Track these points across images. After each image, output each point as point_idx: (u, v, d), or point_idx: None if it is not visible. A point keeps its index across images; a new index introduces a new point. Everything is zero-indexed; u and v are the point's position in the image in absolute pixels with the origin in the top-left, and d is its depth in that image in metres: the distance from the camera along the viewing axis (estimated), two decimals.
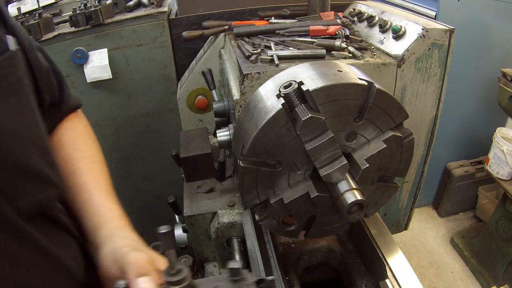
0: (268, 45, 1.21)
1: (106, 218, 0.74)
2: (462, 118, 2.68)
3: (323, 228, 0.93)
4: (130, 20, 1.68)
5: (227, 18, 1.64)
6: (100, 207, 0.76)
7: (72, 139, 0.84)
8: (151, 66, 1.78)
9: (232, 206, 1.20)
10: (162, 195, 2.13)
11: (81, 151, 0.83)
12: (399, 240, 2.72)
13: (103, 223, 0.73)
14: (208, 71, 1.32)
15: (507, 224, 2.26)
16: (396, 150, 0.82)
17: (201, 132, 1.31)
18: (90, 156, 0.84)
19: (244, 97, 1.05)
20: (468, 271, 2.53)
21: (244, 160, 0.77)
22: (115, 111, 1.87)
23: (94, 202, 0.76)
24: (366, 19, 1.36)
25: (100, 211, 0.75)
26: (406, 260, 0.93)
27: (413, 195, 1.49)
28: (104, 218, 0.74)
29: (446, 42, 1.16)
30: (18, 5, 1.85)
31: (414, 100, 1.23)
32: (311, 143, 0.74)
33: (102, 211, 0.75)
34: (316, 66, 0.80)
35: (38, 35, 1.61)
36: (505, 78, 2.10)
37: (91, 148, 0.86)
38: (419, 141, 1.33)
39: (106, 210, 0.76)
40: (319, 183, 0.80)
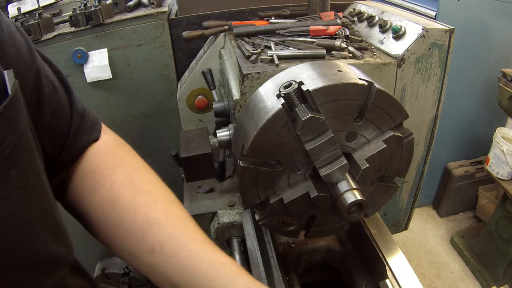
0: (268, 45, 1.21)
1: (228, 278, 0.55)
2: (462, 118, 2.68)
3: (323, 228, 0.93)
4: (130, 20, 1.68)
5: (227, 18, 1.64)
6: (212, 266, 0.56)
7: (129, 181, 0.61)
8: (151, 66, 1.78)
9: (232, 206, 1.20)
10: None
11: (148, 193, 0.61)
12: (399, 240, 2.72)
13: (238, 278, 0.55)
14: (208, 71, 1.32)
15: (507, 224, 2.26)
16: (396, 150, 0.82)
17: (201, 132, 1.31)
18: (163, 199, 0.62)
19: (244, 97, 1.05)
20: (468, 271, 2.53)
21: (244, 160, 0.77)
22: (115, 111, 1.87)
23: (199, 262, 0.55)
24: (366, 19, 1.36)
25: (215, 272, 0.55)
26: (406, 260, 0.93)
27: (413, 195, 1.49)
28: (225, 279, 0.55)
29: (446, 42, 1.16)
30: (18, 5, 1.85)
31: (414, 100, 1.23)
32: (311, 143, 0.74)
33: (217, 270, 0.56)
34: (316, 66, 0.80)
35: (38, 35, 1.61)
36: (505, 78, 2.10)
37: (157, 186, 0.64)
38: (419, 141, 1.33)
39: (220, 266, 0.56)
40: (319, 183, 0.80)
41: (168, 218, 0.59)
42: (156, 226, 0.57)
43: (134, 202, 0.59)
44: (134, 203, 0.59)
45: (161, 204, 0.60)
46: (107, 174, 0.61)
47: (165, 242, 0.56)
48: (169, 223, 0.58)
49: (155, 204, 0.59)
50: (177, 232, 0.58)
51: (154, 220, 0.57)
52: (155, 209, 0.59)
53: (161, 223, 0.57)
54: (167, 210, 0.60)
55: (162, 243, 0.56)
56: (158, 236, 0.57)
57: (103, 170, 0.62)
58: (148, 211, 0.58)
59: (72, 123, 0.60)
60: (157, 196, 0.61)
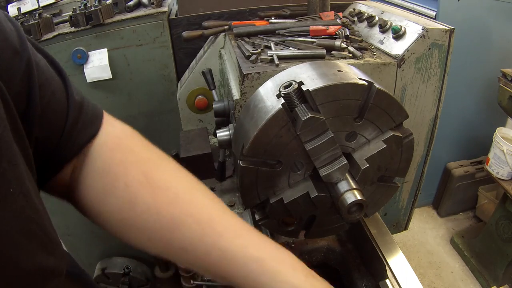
0: (268, 45, 1.21)
1: (274, 269, 0.53)
2: (462, 118, 2.68)
3: (323, 228, 0.93)
4: (130, 20, 1.68)
5: (227, 18, 1.64)
6: (247, 265, 0.53)
7: (143, 176, 0.56)
8: (151, 66, 1.78)
9: (232, 206, 1.20)
10: None
11: (165, 189, 0.56)
12: (399, 240, 2.72)
13: (275, 276, 0.53)
14: (208, 71, 1.32)
15: (507, 224, 2.26)
16: (396, 150, 0.82)
17: (201, 132, 1.31)
18: (184, 190, 0.58)
19: (244, 97, 1.05)
20: (468, 271, 2.53)
21: (244, 160, 0.77)
22: (115, 111, 1.85)
23: (233, 261, 0.53)
24: (366, 19, 1.36)
25: (255, 265, 0.53)
26: (406, 260, 0.93)
27: (413, 195, 1.49)
28: (270, 269, 0.53)
29: (446, 42, 1.16)
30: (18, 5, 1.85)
31: (414, 100, 1.23)
32: (311, 143, 0.74)
33: (253, 269, 0.53)
34: (316, 66, 0.80)
35: (38, 35, 1.61)
36: (505, 78, 2.10)
37: (175, 175, 0.60)
38: (419, 141, 1.33)
39: (256, 265, 0.53)
40: (319, 183, 0.80)
41: (193, 214, 0.55)
42: (182, 226, 0.54)
43: (154, 202, 0.55)
44: (154, 203, 0.55)
45: (183, 198, 0.57)
46: (120, 173, 0.57)
47: (196, 243, 0.54)
48: (196, 220, 0.54)
49: (176, 200, 0.56)
50: (205, 229, 0.54)
51: (178, 219, 0.54)
52: (178, 205, 0.55)
53: (187, 222, 0.54)
54: (190, 204, 0.56)
55: (193, 244, 0.54)
56: (187, 237, 0.54)
57: (114, 169, 0.57)
58: (170, 209, 0.55)
59: (69, 115, 0.55)
60: (177, 190, 0.57)
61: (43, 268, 0.47)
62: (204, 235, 0.54)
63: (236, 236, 0.55)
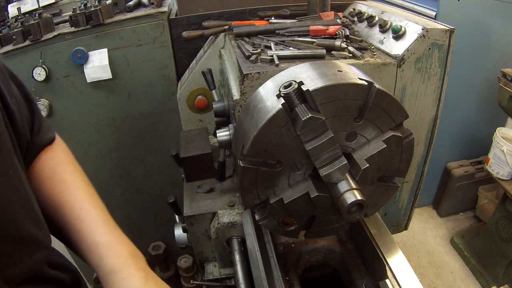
0: (268, 45, 1.21)
1: (107, 254, 0.66)
2: (462, 118, 2.67)
3: (323, 228, 0.93)
4: (130, 20, 1.68)
5: (227, 18, 1.64)
6: (99, 242, 0.67)
7: (51, 172, 0.75)
8: (151, 66, 1.78)
9: (232, 206, 1.20)
10: (162, 195, 2.13)
11: (62, 181, 0.75)
12: (399, 240, 2.72)
13: (105, 259, 0.65)
14: (208, 71, 1.32)
15: (507, 224, 2.26)
16: (396, 150, 0.82)
17: (201, 132, 1.31)
18: (72, 185, 0.75)
19: (244, 97, 1.05)
20: (468, 271, 2.53)
21: (244, 160, 0.77)
22: (115, 111, 1.87)
23: (89, 235, 0.68)
24: (366, 19, 1.36)
25: (99, 246, 0.67)
26: (406, 260, 0.93)
27: (413, 195, 1.49)
28: (105, 254, 0.66)
29: (446, 42, 1.16)
30: (18, 5, 1.86)
31: (414, 100, 1.23)
32: (311, 143, 0.74)
33: (102, 246, 0.67)
34: (316, 66, 0.80)
35: (38, 35, 1.61)
36: (505, 78, 2.10)
37: (72, 175, 0.77)
38: (419, 141, 1.33)
39: (105, 242, 0.68)
40: (319, 183, 0.80)
41: (72, 202, 0.72)
42: (64, 209, 0.71)
43: (52, 189, 0.73)
44: (52, 190, 0.73)
45: (70, 190, 0.74)
46: (40, 168, 0.75)
47: (68, 223, 0.70)
48: (74, 207, 0.71)
49: (65, 191, 0.73)
50: (73, 214, 0.71)
51: (61, 205, 0.71)
52: (64, 195, 0.72)
53: (65, 208, 0.71)
54: (73, 194, 0.73)
55: (69, 222, 0.70)
56: (65, 217, 0.70)
57: (42, 166, 0.76)
58: (59, 197, 0.72)
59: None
60: (68, 184, 0.74)
61: (34, 237, 0.61)
62: (71, 217, 0.70)
63: (92, 224, 0.70)
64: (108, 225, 0.71)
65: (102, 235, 0.68)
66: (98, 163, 1.98)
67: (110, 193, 2.09)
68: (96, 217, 0.71)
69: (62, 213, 0.70)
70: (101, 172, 2.01)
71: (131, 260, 0.66)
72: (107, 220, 0.72)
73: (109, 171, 2.02)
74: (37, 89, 1.70)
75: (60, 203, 0.71)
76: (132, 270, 0.64)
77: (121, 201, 2.14)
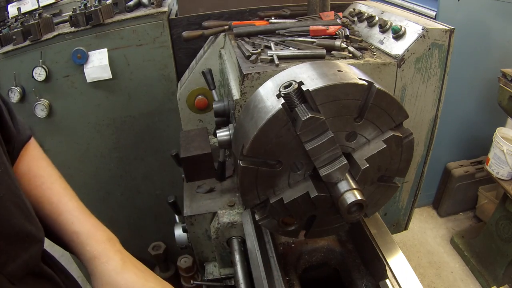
0: (268, 45, 1.21)
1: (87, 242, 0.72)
2: (462, 118, 2.68)
3: (323, 228, 0.93)
4: (130, 20, 1.68)
5: (227, 18, 1.64)
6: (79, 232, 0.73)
7: (27, 168, 0.79)
8: (151, 66, 1.78)
9: (232, 206, 1.20)
10: (162, 195, 2.13)
11: (38, 177, 0.78)
12: (399, 240, 2.72)
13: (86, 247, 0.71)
14: (208, 71, 1.32)
15: (507, 224, 2.26)
16: (396, 150, 0.82)
17: (201, 132, 1.31)
18: (48, 179, 0.79)
19: (244, 97, 1.05)
20: (468, 271, 2.53)
21: (244, 160, 0.77)
22: (115, 111, 1.87)
23: (69, 227, 0.73)
24: (366, 19, 1.36)
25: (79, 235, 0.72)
26: (406, 260, 0.93)
27: (413, 195, 1.49)
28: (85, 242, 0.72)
29: (446, 42, 1.16)
30: (18, 5, 1.86)
31: (414, 100, 1.23)
32: (311, 143, 0.74)
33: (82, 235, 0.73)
34: (316, 66, 0.80)
35: (38, 35, 1.61)
36: (505, 78, 2.10)
37: (46, 170, 0.81)
38: (419, 141, 1.33)
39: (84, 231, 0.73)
40: (319, 183, 0.80)
41: (49, 196, 0.76)
42: (41, 203, 0.74)
43: (29, 185, 0.76)
44: (29, 185, 0.76)
45: (46, 185, 0.77)
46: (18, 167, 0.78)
47: (46, 215, 0.74)
48: (48, 200, 0.75)
49: (42, 186, 0.76)
50: (52, 207, 0.75)
51: (40, 199, 0.75)
52: (41, 189, 0.76)
53: (44, 202, 0.75)
54: (49, 189, 0.77)
55: (45, 215, 0.74)
56: (42, 210, 0.74)
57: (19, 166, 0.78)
58: (36, 192, 0.75)
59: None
60: (44, 178, 0.78)
61: (28, 232, 0.63)
62: (51, 211, 0.74)
63: (70, 216, 0.74)
64: (84, 213, 0.76)
65: (81, 224, 0.74)
66: (98, 163, 1.98)
67: (110, 193, 2.09)
68: (73, 208, 0.76)
69: (41, 207, 0.74)
70: (101, 172, 2.01)
71: (108, 245, 0.72)
72: (82, 209, 0.77)
73: (109, 171, 2.02)
74: (37, 89, 1.70)
75: (38, 197, 0.75)
76: (110, 253, 0.71)
77: (121, 201, 2.13)
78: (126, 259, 0.72)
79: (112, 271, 0.69)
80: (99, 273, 0.69)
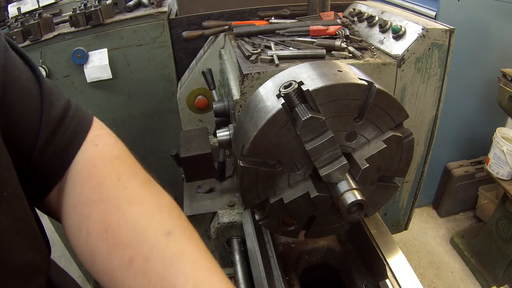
0: (268, 45, 1.21)
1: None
2: (462, 118, 2.67)
3: (323, 228, 0.93)
4: (130, 20, 1.68)
5: (227, 18, 1.64)
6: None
7: (103, 226, 0.51)
8: (151, 66, 1.78)
9: (232, 206, 1.20)
10: None
11: (120, 245, 0.50)
12: (399, 240, 2.72)
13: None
14: (208, 71, 1.32)
15: (507, 224, 2.26)
16: (396, 150, 0.82)
17: (201, 132, 1.31)
18: (136, 247, 0.50)
19: (244, 97, 1.05)
20: (468, 271, 2.53)
21: (244, 160, 0.77)
22: (115, 111, 1.87)
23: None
24: (366, 19, 1.36)
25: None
26: (406, 260, 0.93)
27: (413, 195, 1.49)
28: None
29: (446, 42, 1.16)
30: (18, 5, 1.86)
31: (414, 100, 1.23)
32: (311, 143, 0.74)
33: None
34: (316, 66, 0.80)
35: (38, 35, 1.61)
36: (505, 78, 2.10)
37: (127, 220, 0.52)
38: (419, 141, 1.33)
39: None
40: (319, 183, 0.80)
41: (144, 284, 0.48)
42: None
43: (109, 262, 0.50)
44: (109, 264, 0.50)
45: (138, 262, 0.49)
46: (84, 216, 0.53)
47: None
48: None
49: (130, 265, 0.49)
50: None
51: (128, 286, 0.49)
52: (131, 274, 0.49)
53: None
54: (143, 273, 0.49)
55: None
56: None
57: (80, 210, 0.53)
58: (123, 276, 0.49)
59: (40, 136, 0.52)
60: (133, 250, 0.49)
61: (31, 264, 0.49)
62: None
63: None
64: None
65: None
66: None
67: None
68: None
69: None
70: None
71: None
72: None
73: None
74: None
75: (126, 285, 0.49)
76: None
77: None
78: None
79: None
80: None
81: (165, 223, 0.53)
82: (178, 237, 0.51)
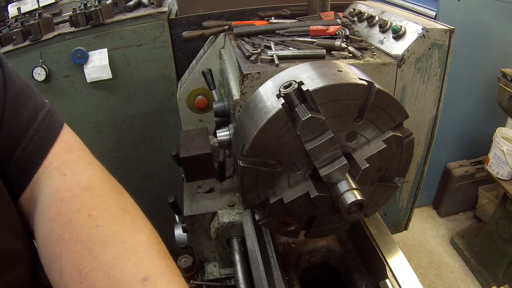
0: (268, 45, 1.21)
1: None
2: (462, 118, 2.67)
3: (323, 228, 0.93)
4: (130, 20, 1.68)
5: (227, 18, 1.64)
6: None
7: (76, 269, 0.48)
8: (151, 66, 1.78)
9: (232, 206, 1.20)
10: (162, 195, 2.13)
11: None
12: (399, 240, 2.72)
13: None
14: (208, 71, 1.32)
15: (507, 224, 2.26)
16: (396, 150, 0.82)
17: (201, 132, 1.31)
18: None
19: (244, 97, 1.05)
20: (468, 271, 2.53)
21: (244, 160, 0.77)
22: (115, 111, 1.87)
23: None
24: (366, 19, 1.36)
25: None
26: (406, 260, 0.93)
27: (413, 195, 1.49)
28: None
29: (446, 42, 1.16)
30: (18, 5, 1.86)
31: (414, 100, 1.23)
32: (311, 143, 0.74)
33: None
34: (316, 66, 0.80)
35: (38, 35, 1.61)
36: (505, 78, 2.10)
37: (101, 262, 0.49)
38: (419, 141, 1.33)
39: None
40: (319, 183, 0.80)
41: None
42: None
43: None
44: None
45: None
46: (55, 255, 0.50)
47: None
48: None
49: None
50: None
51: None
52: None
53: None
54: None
55: None
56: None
57: (51, 249, 0.51)
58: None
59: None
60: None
61: (14, 250, 0.49)
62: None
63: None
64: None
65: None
66: None
67: None
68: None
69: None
70: None
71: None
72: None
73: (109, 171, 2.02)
74: (37, 89, 1.68)
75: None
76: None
77: None
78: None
79: None
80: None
81: (141, 266, 0.49)
82: (155, 284, 0.49)
